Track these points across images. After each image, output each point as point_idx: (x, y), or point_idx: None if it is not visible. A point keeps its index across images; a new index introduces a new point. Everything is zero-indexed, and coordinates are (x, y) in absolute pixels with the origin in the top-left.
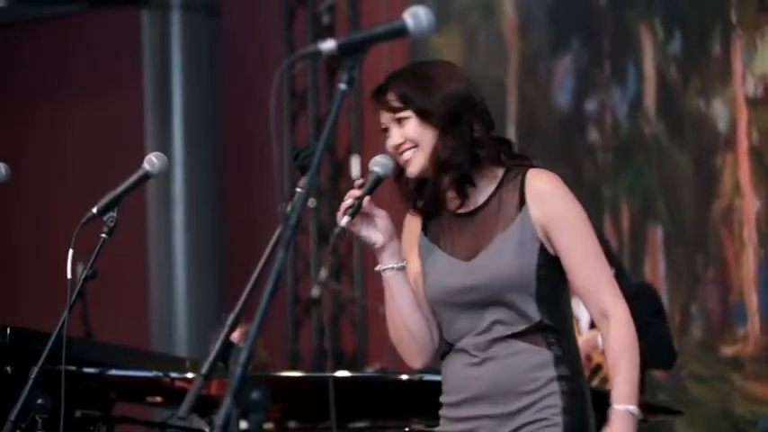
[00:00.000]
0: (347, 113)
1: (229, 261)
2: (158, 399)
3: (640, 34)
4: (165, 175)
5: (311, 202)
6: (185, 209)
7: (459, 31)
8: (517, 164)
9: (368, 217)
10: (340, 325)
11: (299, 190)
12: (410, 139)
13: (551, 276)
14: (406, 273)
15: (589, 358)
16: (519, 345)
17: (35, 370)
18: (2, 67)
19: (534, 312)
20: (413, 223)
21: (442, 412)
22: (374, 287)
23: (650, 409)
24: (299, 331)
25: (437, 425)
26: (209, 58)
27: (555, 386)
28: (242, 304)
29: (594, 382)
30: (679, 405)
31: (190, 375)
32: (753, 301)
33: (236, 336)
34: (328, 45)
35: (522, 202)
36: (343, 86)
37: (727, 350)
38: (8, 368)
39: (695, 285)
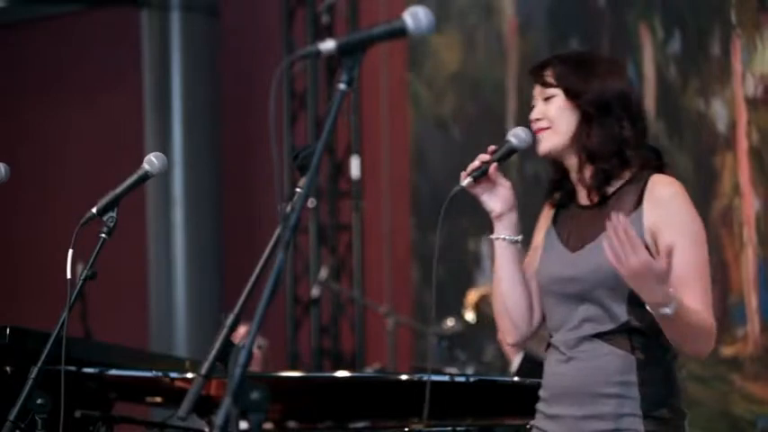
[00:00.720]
0: (347, 114)
1: (229, 261)
2: (158, 399)
3: (640, 34)
4: (165, 174)
5: (311, 203)
6: (185, 209)
7: (459, 31)
8: (648, 166)
9: (492, 184)
10: (340, 325)
11: (298, 190)
12: (548, 118)
13: None
14: (518, 248)
15: None
16: (604, 347)
17: (35, 370)
18: (2, 67)
19: (623, 313)
20: (547, 212)
21: (537, 406)
22: (374, 287)
23: None
24: (298, 331)
25: (437, 425)
26: (208, 58)
27: (635, 392)
28: (241, 304)
29: None
30: None
31: (189, 375)
32: (752, 301)
33: (238, 336)
34: (328, 45)
35: (639, 202)
36: (342, 87)
37: (727, 350)
38: (8, 368)
39: None
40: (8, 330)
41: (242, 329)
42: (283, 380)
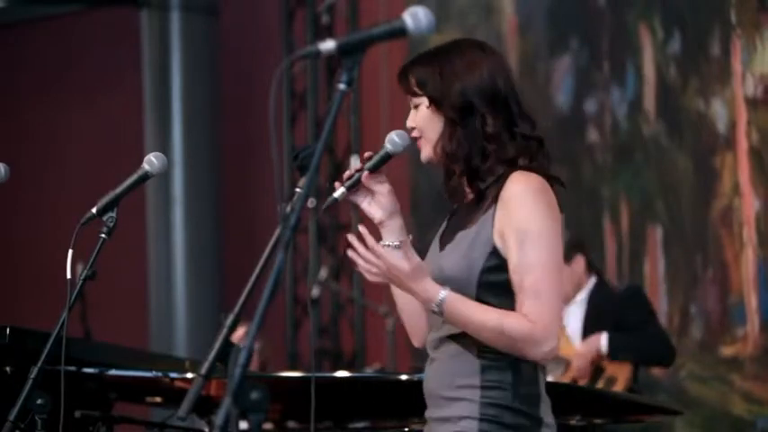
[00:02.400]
0: (346, 114)
1: (229, 261)
2: (158, 399)
3: (640, 34)
4: (165, 174)
5: (310, 203)
6: (185, 209)
7: (459, 31)
8: (520, 165)
9: (370, 191)
10: (339, 325)
11: (298, 190)
12: (417, 127)
13: (500, 283)
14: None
15: (592, 362)
16: (456, 348)
17: (35, 370)
18: (2, 67)
19: None
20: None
21: None
22: (374, 287)
23: (650, 409)
24: (298, 331)
25: None
26: (208, 58)
27: (476, 394)
28: (241, 305)
29: (599, 384)
30: (678, 405)
31: (189, 376)
32: (752, 301)
33: (237, 336)
34: (327, 45)
35: (494, 201)
36: (342, 87)
37: (727, 350)
38: (8, 368)
39: (694, 286)
40: (8, 330)
41: (240, 331)
42: (283, 380)
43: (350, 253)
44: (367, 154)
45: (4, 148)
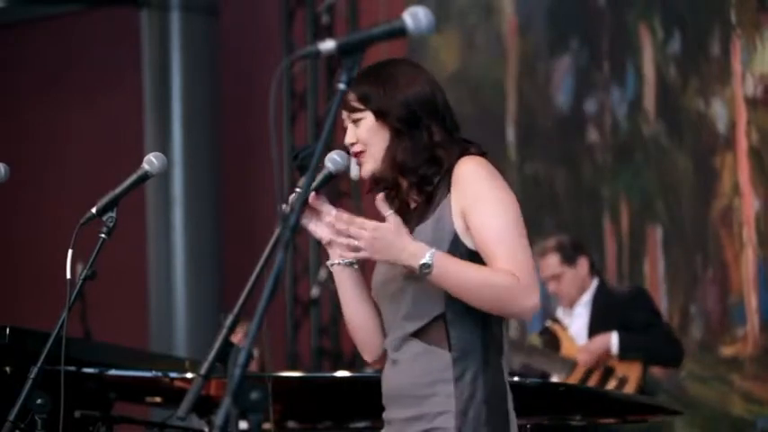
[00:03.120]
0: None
1: (229, 261)
2: (157, 399)
3: (640, 34)
4: (165, 175)
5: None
6: (185, 209)
7: (459, 31)
8: (462, 154)
9: (316, 212)
10: (339, 325)
11: (298, 190)
12: (361, 141)
13: None
14: (355, 270)
15: (599, 359)
16: (420, 346)
17: (35, 370)
18: (2, 67)
19: (438, 307)
20: None
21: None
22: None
23: (650, 409)
24: (298, 331)
25: None
26: (208, 58)
27: (450, 389)
28: (241, 305)
29: (612, 384)
30: (678, 405)
31: (189, 376)
32: (752, 301)
33: (237, 337)
34: (327, 45)
35: (447, 191)
36: (342, 86)
37: (727, 350)
38: (7, 368)
39: (694, 286)
40: (8, 330)
41: (239, 333)
42: (283, 380)
43: (332, 235)
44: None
45: (4, 148)
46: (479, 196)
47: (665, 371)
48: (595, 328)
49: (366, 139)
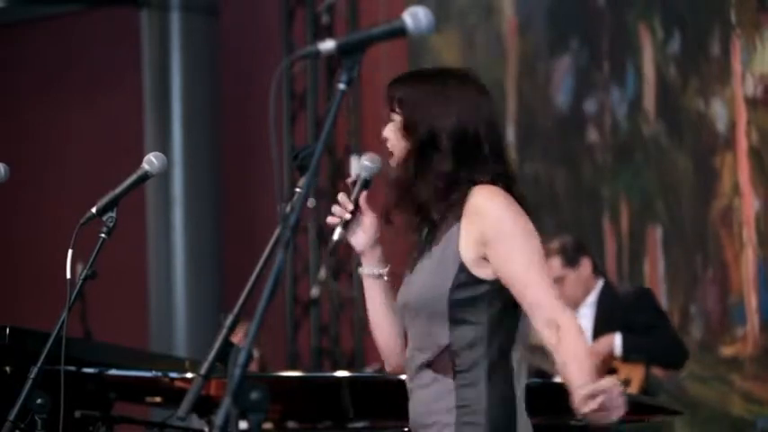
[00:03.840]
0: (346, 113)
1: (229, 261)
2: (158, 399)
3: (639, 34)
4: (165, 174)
5: (310, 203)
6: (185, 209)
7: (459, 31)
8: (475, 183)
9: (356, 220)
10: (339, 325)
11: (298, 190)
12: (389, 140)
13: (471, 299)
14: (384, 281)
15: (604, 362)
16: (429, 375)
17: (35, 370)
18: (2, 67)
19: (444, 336)
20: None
21: None
22: None
23: (650, 409)
24: (298, 331)
25: None
26: (208, 58)
27: (452, 417)
28: (241, 305)
29: None
30: (678, 405)
31: (189, 376)
32: (752, 301)
33: (237, 337)
34: (327, 45)
35: (457, 218)
36: (342, 86)
37: (727, 350)
38: (7, 368)
39: (694, 286)
40: (8, 330)
41: (239, 333)
42: (283, 380)
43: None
44: (349, 180)
45: (4, 148)
46: (500, 230)
47: (665, 371)
48: (599, 329)
49: (392, 142)
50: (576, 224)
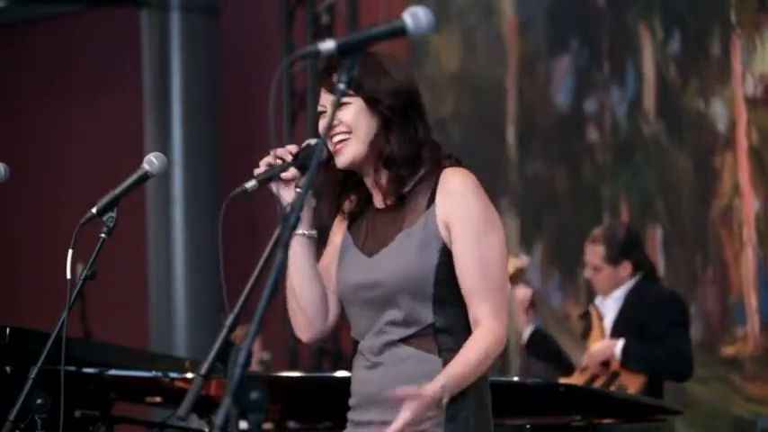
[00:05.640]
0: None
1: (229, 261)
2: (158, 399)
3: (639, 34)
4: (165, 174)
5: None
6: (185, 208)
7: (459, 31)
8: (440, 163)
9: (284, 182)
10: (340, 325)
11: (297, 190)
12: (346, 124)
13: (454, 279)
14: (313, 243)
15: (606, 364)
16: (408, 350)
17: (35, 370)
18: (2, 67)
19: (428, 315)
20: (340, 221)
21: (348, 414)
22: None
23: (650, 409)
24: None
25: None
26: (208, 58)
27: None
28: (241, 305)
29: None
30: (678, 405)
31: (189, 375)
32: (752, 301)
33: (237, 337)
34: (327, 45)
35: (432, 200)
36: (342, 86)
37: (727, 350)
38: (7, 368)
39: (694, 286)
40: (8, 330)
41: (240, 331)
42: (283, 380)
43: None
44: (291, 148)
45: (4, 148)
46: (467, 216)
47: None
48: (618, 325)
49: (353, 124)
50: (576, 224)
